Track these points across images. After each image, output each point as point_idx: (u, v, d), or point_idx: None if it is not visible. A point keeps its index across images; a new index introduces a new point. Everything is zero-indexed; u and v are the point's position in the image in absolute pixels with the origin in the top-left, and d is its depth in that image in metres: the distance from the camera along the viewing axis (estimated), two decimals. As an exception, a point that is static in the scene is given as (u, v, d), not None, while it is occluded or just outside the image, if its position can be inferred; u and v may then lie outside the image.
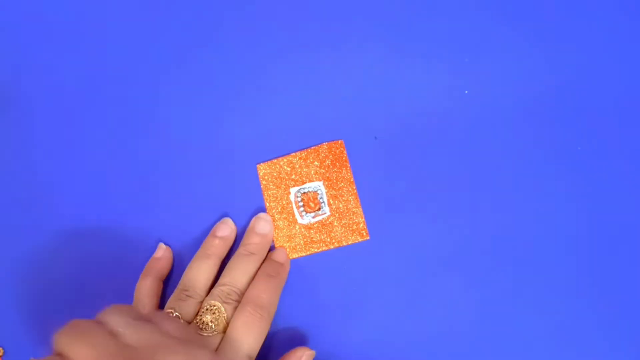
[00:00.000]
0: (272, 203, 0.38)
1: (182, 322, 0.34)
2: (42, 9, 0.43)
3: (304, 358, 0.34)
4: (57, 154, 0.41)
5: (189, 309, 0.35)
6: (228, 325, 0.34)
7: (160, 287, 0.38)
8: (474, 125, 0.37)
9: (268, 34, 0.40)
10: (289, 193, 0.38)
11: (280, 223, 0.38)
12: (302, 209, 0.38)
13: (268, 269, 0.36)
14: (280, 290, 0.36)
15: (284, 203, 0.38)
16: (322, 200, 0.38)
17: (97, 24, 0.42)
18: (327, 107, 0.39)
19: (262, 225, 0.38)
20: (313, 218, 0.38)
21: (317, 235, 0.38)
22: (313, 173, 0.38)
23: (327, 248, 0.38)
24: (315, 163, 0.38)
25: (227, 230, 0.38)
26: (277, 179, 0.39)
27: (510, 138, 0.37)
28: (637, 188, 0.36)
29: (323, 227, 0.38)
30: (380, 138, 0.38)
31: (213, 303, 0.34)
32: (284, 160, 0.39)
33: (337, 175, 0.38)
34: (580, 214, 0.36)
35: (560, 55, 0.38)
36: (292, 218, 0.38)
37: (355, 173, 0.38)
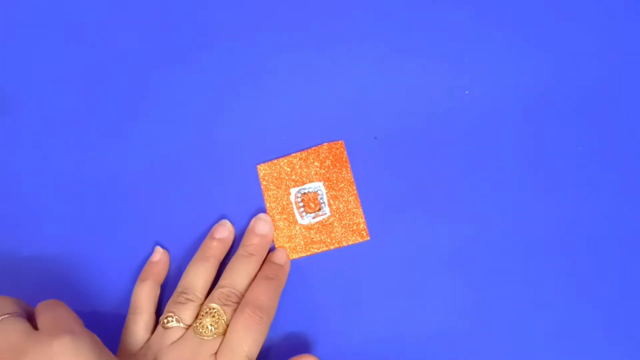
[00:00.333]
0: (272, 203, 0.38)
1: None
2: (42, 9, 0.43)
3: None
4: (55, 154, 0.41)
5: (189, 312, 0.35)
6: (228, 328, 0.34)
7: (158, 291, 0.38)
8: (474, 126, 0.38)
9: (268, 34, 0.40)
10: (289, 193, 0.38)
11: (281, 223, 0.38)
12: (302, 210, 0.38)
13: (267, 271, 0.36)
14: (280, 292, 0.36)
15: (284, 203, 0.38)
16: (322, 201, 0.38)
17: (96, 24, 0.42)
18: (327, 107, 0.39)
19: (261, 226, 0.38)
20: (313, 218, 0.38)
21: (317, 236, 0.38)
22: (313, 173, 0.38)
23: (327, 248, 0.38)
24: (316, 163, 0.38)
25: (225, 232, 0.38)
26: (277, 180, 0.39)
27: (511, 138, 0.37)
28: (637, 188, 0.37)
29: (323, 227, 0.38)
30: (380, 138, 0.38)
31: (213, 306, 0.34)
32: (284, 161, 0.39)
33: (337, 176, 0.38)
34: (581, 214, 0.37)
35: (560, 55, 0.38)
36: (292, 218, 0.38)
37: (356, 173, 0.38)
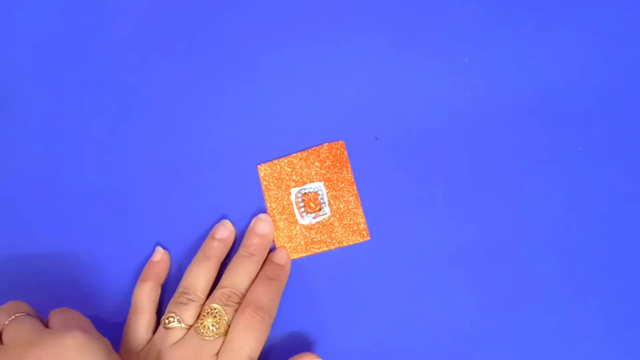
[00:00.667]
0: (272, 204, 0.38)
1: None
2: (42, 9, 0.43)
3: None
4: (54, 154, 0.41)
5: (190, 313, 0.35)
6: (229, 328, 0.34)
7: (159, 291, 0.38)
8: (474, 126, 0.38)
9: (269, 34, 0.40)
10: (290, 194, 0.38)
11: (281, 224, 0.38)
12: (302, 210, 0.38)
13: (268, 272, 0.36)
14: (281, 293, 0.37)
15: (285, 203, 0.38)
16: (322, 201, 0.38)
17: (96, 23, 0.42)
18: (327, 107, 0.39)
19: (262, 226, 0.38)
20: (314, 219, 0.38)
21: (317, 236, 0.38)
22: (314, 174, 0.38)
23: (327, 248, 0.38)
24: (316, 164, 0.38)
25: (225, 232, 0.38)
26: (277, 180, 0.39)
27: (511, 138, 0.37)
28: (637, 188, 0.36)
29: (324, 227, 0.38)
30: (381, 138, 0.38)
31: (214, 306, 0.34)
32: (285, 161, 0.39)
33: (337, 176, 0.38)
34: (581, 214, 0.36)
35: (560, 55, 0.38)
36: (292, 218, 0.38)
37: (356, 173, 0.38)
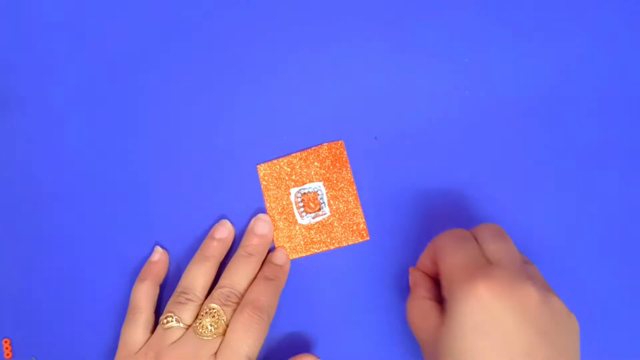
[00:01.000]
0: (272, 203, 0.38)
1: None
2: (42, 9, 0.43)
3: None
4: (53, 154, 0.41)
5: (188, 313, 0.35)
6: (227, 328, 0.34)
7: (157, 291, 0.38)
8: (474, 126, 0.37)
9: (269, 34, 0.40)
10: (289, 193, 0.38)
11: (281, 223, 0.38)
12: (302, 210, 0.38)
13: (267, 272, 0.36)
14: (280, 293, 0.37)
15: (284, 203, 0.38)
16: (322, 201, 0.38)
17: (96, 22, 0.42)
18: (327, 107, 0.39)
19: (261, 226, 0.38)
20: (313, 219, 0.38)
21: (317, 236, 0.38)
22: (313, 173, 0.38)
23: (327, 248, 0.38)
24: (316, 164, 0.38)
25: (224, 232, 0.38)
26: (277, 180, 0.39)
27: (511, 138, 0.37)
28: (637, 188, 0.36)
29: (323, 227, 0.38)
30: (380, 138, 0.38)
31: (212, 306, 0.34)
32: (284, 161, 0.39)
33: (337, 176, 0.38)
34: (581, 214, 0.36)
35: (560, 55, 0.38)
36: (292, 218, 0.38)
37: (356, 173, 0.38)
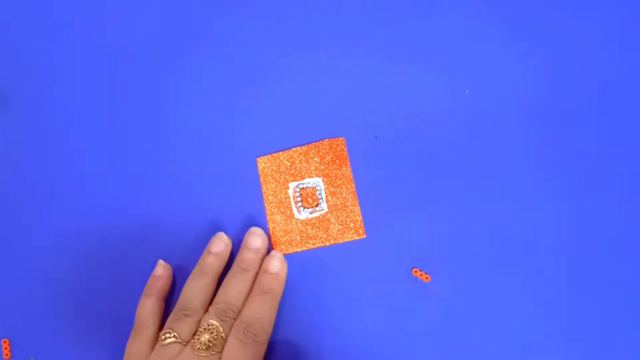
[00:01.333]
0: (270, 197, 0.39)
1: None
2: (42, 9, 0.43)
3: None
4: (54, 155, 0.41)
5: (187, 329, 0.35)
6: (225, 346, 0.34)
7: (162, 305, 0.38)
8: (474, 126, 0.38)
9: (274, 32, 0.40)
10: (288, 187, 0.38)
11: (278, 217, 0.38)
12: (300, 204, 0.38)
13: (262, 285, 0.36)
14: (277, 305, 0.36)
15: (282, 197, 0.38)
16: (320, 197, 0.38)
17: (97, 20, 0.42)
18: (329, 105, 0.39)
19: (254, 241, 0.37)
20: (310, 214, 0.38)
21: (313, 231, 0.38)
22: (313, 169, 0.38)
23: (323, 244, 0.38)
24: (316, 159, 0.39)
25: (221, 246, 0.38)
26: (276, 173, 0.39)
27: (510, 138, 0.37)
28: (637, 188, 0.36)
29: (320, 223, 0.38)
30: (381, 137, 0.38)
31: (211, 322, 0.34)
32: (284, 155, 0.39)
33: (336, 172, 0.38)
34: (581, 214, 0.37)
35: (560, 55, 0.38)
36: (289, 213, 0.38)
37: (355, 171, 0.38)
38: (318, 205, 0.38)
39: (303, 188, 0.38)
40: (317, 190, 0.38)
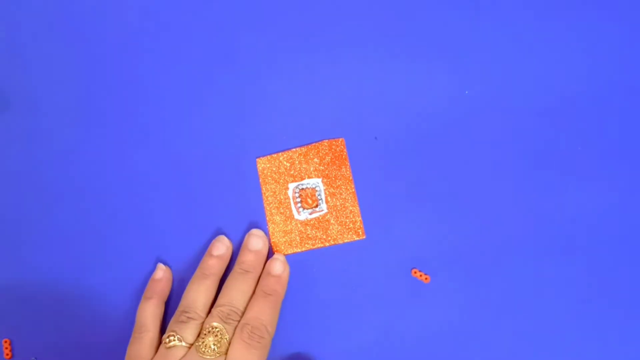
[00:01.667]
0: (270, 197, 0.39)
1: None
2: (42, 9, 0.43)
3: None
4: (54, 156, 0.41)
5: (190, 331, 0.35)
6: (229, 349, 0.34)
7: (163, 308, 0.38)
8: (474, 126, 0.38)
9: (274, 32, 0.40)
10: (287, 188, 0.38)
11: (277, 218, 0.38)
12: (299, 205, 0.38)
13: (265, 287, 0.36)
14: (279, 306, 0.36)
15: (282, 198, 0.38)
16: (319, 197, 0.38)
17: (97, 20, 0.42)
18: (329, 105, 0.39)
19: (255, 242, 0.38)
20: (310, 215, 0.38)
21: (313, 232, 0.38)
22: (312, 170, 0.38)
23: (322, 245, 0.38)
24: (315, 160, 0.38)
25: (222, 249, 0.38)
26: (276, 174, 0.39)
27: (510, 138, 0.37)
28: (637, 188, 0.36)
29: (319, 224, 0.38)
30: (381, 138, 0.38)
31: (215, 325, 0.34)
32: (284, 155, 0.39)
33: (336, 173, 0.38)
34: (580, 214, 0.36)
35: (560, 55, 0.38)
36: (289, 213, 0.38)
37: (354, 172, 0.38)
38: (318, 206, 0.38)
39: (303, 189, 0.38)
40: (316, 191, 0.38)
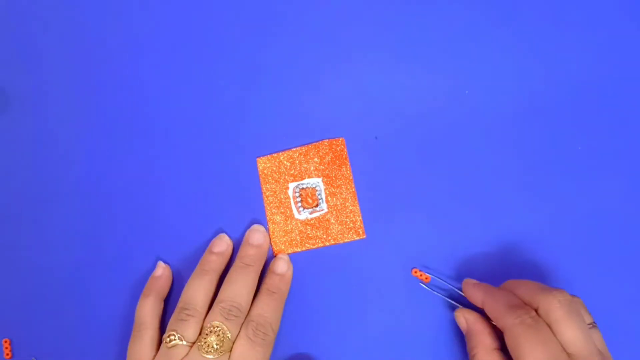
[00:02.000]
0: (270, 197, 0.39)
1: None
2: (42, 9, 0.43)
3: None
4: (55, 156, 0.42)
5: (191, 329, 0.34)
6: (233, 344, 0.34)
7: (162, 306, 0.38)
8: (474, 126, 0.38)
9: (274, 32, 0.40)
10: (288, 188, 0.38)
11: (278, 217, 0.38)
12: (299, 205, 0.38)
13: (269, 285, 0.37)
14: (283, 304, 0.37)
15: (282, 197, 0.38)
16: (320, 197, 0.38)
17: (96, 20, 0.42)
18: (329, 105, 0.39)
19: (256, 237, 0.38)
20: (310, 214, 0.38)
21: (313, 232, 0.38)
22: (313, 169, 0.38)
23: (323, 245, 0.38)
24: (316, 159, 0.38)
25: (223, 246, 0.38)
26: (276, 173, 0.39)
27: (510, 138, 0.37)
28: (637, 188, 0.36)
29: (320, 223, 0.38)
30: (381, 138, 0.38)
31: (216, 324, 0.34)
32: (284, 155, 0.39)
33: (336, 173, 0.38)
34: (580, 214, 0.36)
35: (560, 55, 0.38)
36: (289, 213, 0.38)
37: (355, 171, 0.38)
38: (318, 206, 0.38)
39: (303, 188, 0.38)
40: (317, 191, 0.38)
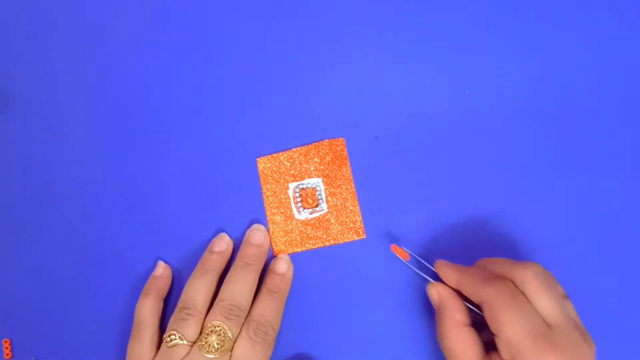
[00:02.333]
0: (270, 197, 0.39)
1: None
2: (42, 9, 0.43)
3: None
4: (55, 157, 0.41)
5: (192, 329, 0.34)
6: (234, 344, 0.34)
7: (161, 305, 0.38)
8: (474, 126, 0.38)
9: (274, 32, 0.40)
10: (288, 188, 0.38)
11: (278, 217, 0.38)
12: (299, 205, 0.38)
13: (270, 285, 0.37)
14: (283, 304, 0.37)
15: (282, 197, 0.38)
16: (320, 197, 0.38)
17: (96, 20, 0.42)
18: (329, 105, 0.39)
19: (257, 236, 0.38)
20: (310, 214, 0.38)
21: (313, 232, 0.38)
22: (313, 169, 0.38)
23: (323, 245, 0.38)
24: (316, 159, 0.38)
25: (223, 245, 0.38)
26: (276, 173, 0.39)
27: (510, 138, 0.37)
28: (637, 188, 0.36)
29: (320, 223, 0.38)
30: (381, 138, 0.38)
31: (217, 323, 0.34)
32: (284, 155, 0.39)
33: (336, 173, 0.38)
34: (581, 214, 0.36)
35: (560, 55, 0.38)
36: (289, 213, 0.38)
37: (355, 171, 0.38)
38: (318, 206, 0.38)
39: (303, 188, 0.38)
40: (317, 191, 0.38)
